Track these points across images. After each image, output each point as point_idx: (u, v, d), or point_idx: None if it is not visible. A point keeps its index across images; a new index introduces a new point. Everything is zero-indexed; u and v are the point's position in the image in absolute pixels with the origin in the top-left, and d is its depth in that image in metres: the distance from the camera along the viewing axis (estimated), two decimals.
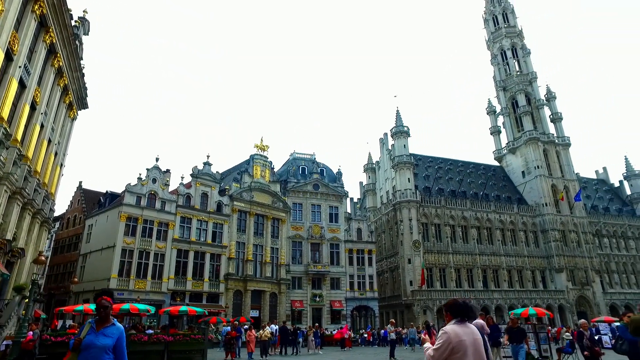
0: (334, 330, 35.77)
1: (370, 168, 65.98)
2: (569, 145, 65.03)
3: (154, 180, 34.86)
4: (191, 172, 37.39)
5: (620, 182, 71.97)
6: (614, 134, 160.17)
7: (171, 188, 36.81)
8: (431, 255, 50.18)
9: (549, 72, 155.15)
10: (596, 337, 31.35)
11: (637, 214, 66.23)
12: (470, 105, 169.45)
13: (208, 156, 39.12)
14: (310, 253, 42.97)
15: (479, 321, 15.08)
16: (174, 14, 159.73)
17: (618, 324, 18.95)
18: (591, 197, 66.47)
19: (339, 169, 49.56)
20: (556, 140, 64.55)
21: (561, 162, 63.30)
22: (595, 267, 56.97)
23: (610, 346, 17.96)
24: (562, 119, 67.25)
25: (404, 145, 54.95)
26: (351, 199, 63.07)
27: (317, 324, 33.98)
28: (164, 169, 36.58)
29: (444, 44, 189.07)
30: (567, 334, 27.74)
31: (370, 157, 67.31)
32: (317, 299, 41.61)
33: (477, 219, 54.65)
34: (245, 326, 25.45)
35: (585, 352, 10.14)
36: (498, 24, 74.14)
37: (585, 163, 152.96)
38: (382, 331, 35.93)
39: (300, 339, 27.21)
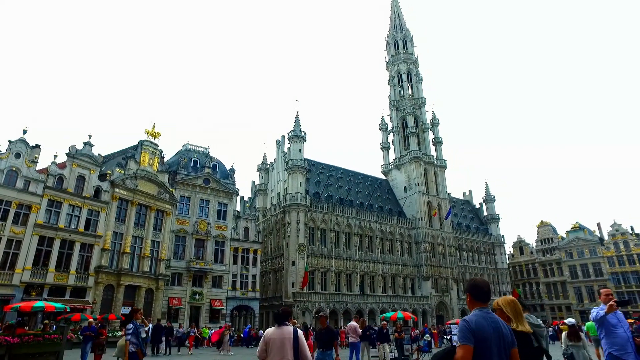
0: (212, 329, 34.90)
1: (264, 168, 66.05)
2: (445, 167, 72.77)
3: (18, 155, 30.12)
4: (68, 151, 33.26)
5: (481, 204, 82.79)
6: (481, 160, 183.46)
7: (40, 166, 32.23)
8: (315, 259, 51.89)
9: (436, 98, 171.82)
10: (447, 337, 35.37)
11: (489, 232, 77.14)
12: (367, 119, 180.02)
13: (90, 136, 34.98)
14: (193, 249, 41.31)
15: (353, 323, 16.42)
16: None
17: None
18: (458, 215, 75.35)
19: (232, 166, 48.51)
20: (435, 162, 71.75)
21: (437, 181, 70.48)
22: (454, 276, 64.55)
23: (455, 344, 20.41)
24: (442, 143, 75.01)
25: (300, 149, 56.08)
26: (242, 198, 62.42)
27: (229, 324, 33.05)
28: (32, 144, 31.84)
29: (352, 57, 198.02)
30: (427, 335, 31.05)
31: (265, 158, 67.41)
32: (197, 297, 40.18)
33: (360, 227, 58.04)
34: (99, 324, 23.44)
35: None
36: (398, 49, 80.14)
37: (456, 184, 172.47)
38: (244, 330, 36.15)
39: (163, 337, 25.92)
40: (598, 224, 75.24)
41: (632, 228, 69.41)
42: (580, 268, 71.71)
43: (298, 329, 5.28)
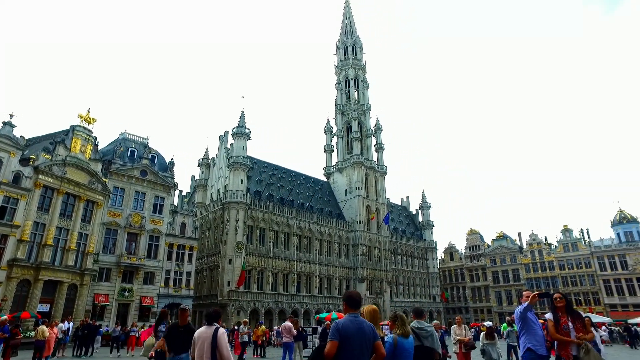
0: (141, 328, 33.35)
1: (205, 163, 64.42)
2: (385, 173, 75.14)
3: None
4: None
5: (417, 210, 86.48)
6: (419, 169, 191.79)
7: None
8: (252, 258, 51.35)
9: (380, 106, 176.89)
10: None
11: (423, 238, 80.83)
12: (312, 120, 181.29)
13: (11, 115, 31.91)
14: (125, 243, 39.27)
15: (287, 323, 16.60)
16: None
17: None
18: (395, 220, 78.12)
19: (172, 159, 46.61)
20: (376, 167, 73.86)
21: (377, 187, 72.61)
22: (388, 279, 66.86)
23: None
24: (384, 149, 77.38)
25: (243, 146, 55.35)
26: (180, 192, 60.34)
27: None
28: None
29: (301, 59, 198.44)
30: None
31: (207, 152, 65.76)
32: (126, 293, 38.24)
33: (299, 228, 58.31)
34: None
35: None
36: (347, 54, 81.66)
37: (395, 190, 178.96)
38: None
39: (99, 336, 24.60)
40: (519, 234, 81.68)
41: (545, 238, 76.03)
42: (502, 274, 77.26)
43: (220, 329, 5.51)
